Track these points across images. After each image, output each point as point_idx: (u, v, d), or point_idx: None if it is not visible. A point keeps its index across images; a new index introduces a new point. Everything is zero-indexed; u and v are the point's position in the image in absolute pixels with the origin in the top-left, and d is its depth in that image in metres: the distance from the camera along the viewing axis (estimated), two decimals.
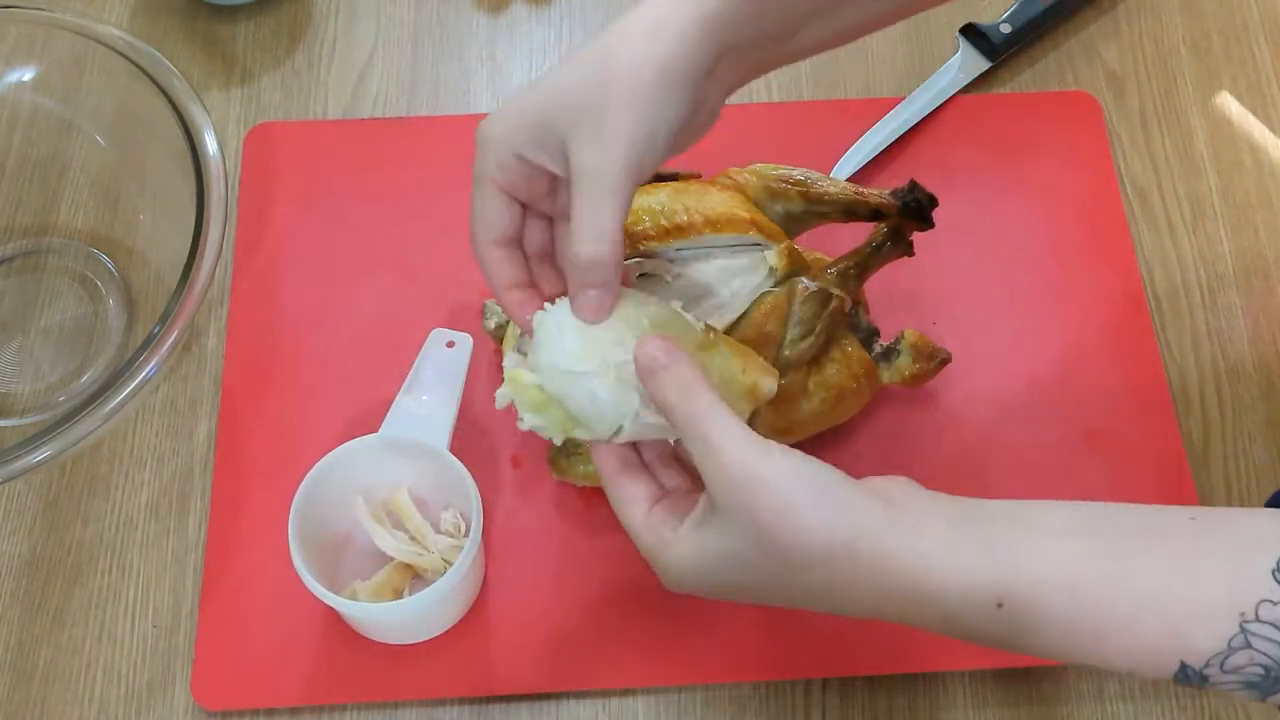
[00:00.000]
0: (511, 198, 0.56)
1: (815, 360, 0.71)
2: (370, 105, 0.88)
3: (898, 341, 0.75)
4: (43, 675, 0.71)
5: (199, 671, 0.70)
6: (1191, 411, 0.79)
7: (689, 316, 0.59)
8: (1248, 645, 0.48)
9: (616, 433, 0.55)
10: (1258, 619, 0.48)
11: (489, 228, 0.56)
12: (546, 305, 0.57)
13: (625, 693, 0.70)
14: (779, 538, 0.51)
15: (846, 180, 0.77)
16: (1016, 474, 0.76)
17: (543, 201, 0.57)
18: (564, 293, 0.56)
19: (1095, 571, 0.50)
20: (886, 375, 0.74)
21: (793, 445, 0.73)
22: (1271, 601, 0.48)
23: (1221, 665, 0.48)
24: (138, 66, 0.74)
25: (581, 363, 0.54)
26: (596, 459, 0.57)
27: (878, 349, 0.75)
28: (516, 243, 0.58)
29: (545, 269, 0.59)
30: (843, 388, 0.72)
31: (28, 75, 0.81)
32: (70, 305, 0.80)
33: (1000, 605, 0.50)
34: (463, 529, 0.69)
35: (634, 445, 0.57)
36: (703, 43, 0.53)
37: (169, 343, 0.67)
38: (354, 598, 0.67)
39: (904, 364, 0.74)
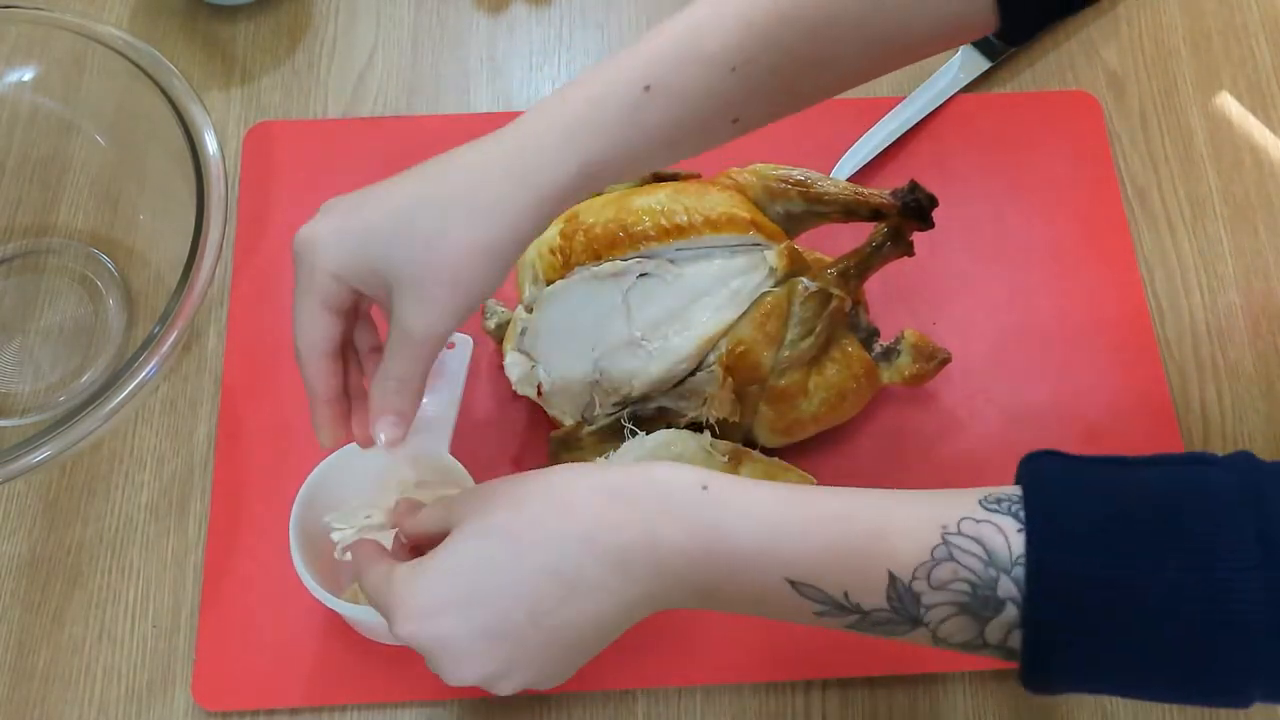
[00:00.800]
0: (335, 312, 0.58)
1: (815, 360, 0.71)
2: (370, 105, 0.88)
3: (898, 341, 0.75)
4: (43, 675, 0.71)
5: (199, 672, 0.70)
6: (1191, 411, 0.79)
7: (707, 444, 0.65)
8: (951, 558, 0.49)
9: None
10: (960, 532, 0.49)
11: (312, 343, 0.58)
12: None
13: (625, 693, 0.70)
14: (503, 496, 0.54)
15: (846, 180, 0.77)
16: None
17: (365, 303, 0.60)
18: None
19: (803, 491, 0.53)
20: (886, 375, 0.74)
21: (793, 445, 0.74)
22: (974, 519, 0.49)
23: (928, 577, 0.49)
24: (138, 66, 0.74)
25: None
26: (356, 561, 0.59)
27: (878, 349, 0.75)
28: (338, 353, 0.60)
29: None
30: (843, 388, 0.72)
31: (28, 75, 0.81)
32: (70, 305, 0.80)
33: (705, 487, 0.52)
34: None
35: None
36: (535, 224, 0.55)
37: (169, 343, 0.67)
38: (354, 600, 0.67)
39: (904, 364, 0.74)
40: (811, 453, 0.75)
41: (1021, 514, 0.49)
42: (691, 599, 0.53)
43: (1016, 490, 0.50)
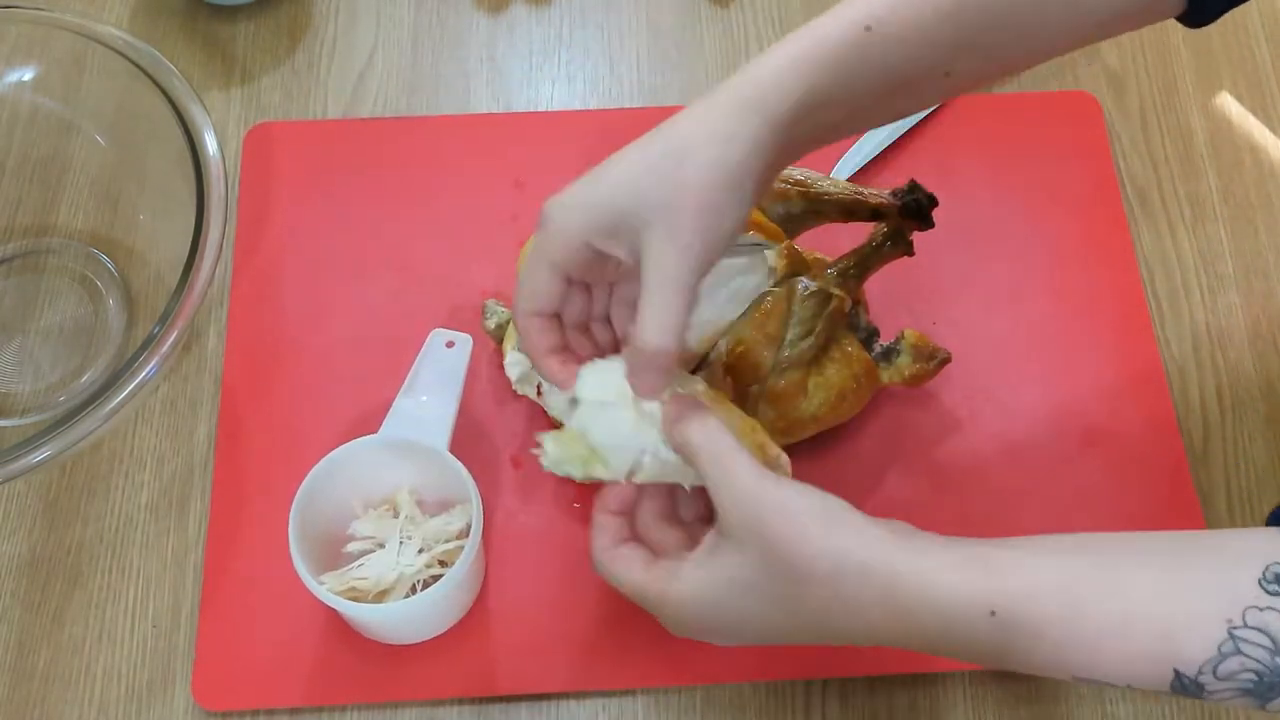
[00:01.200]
0: (565, 278, 0.58)
1: (815, 360, 0.71)
2: (370, 105, 0.88)
3: (898, 341, 0.75)
4: (43, 675, 0.71)
5: (199, 672, 0.70)
6: (1191, 411, 0.79)
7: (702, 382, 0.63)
8: (1238, 651, 0.49)
9: (635, 469, 0.58)
10: (1245, 625, 0.49)
11: (536, 301, 0.58)
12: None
13: (625, 693, 0.70)
14: (789, 556, 0.53)
15: (846, 180, 0.77)
16: (1016, 474, 0.76)
17: (592, 277, 0.59)
18: (596, 357, 0.60)
19: (1087, 581, 0.52)
20: (886, 375, 0.74)
21: (793, 445, 0.74)
22: (1258, 608, 0.49)
23: (1214, 672, 0.49)
24: (138, 66, 0.74)
25: (609, 395, 0.58)
26: (593, 534, 0.60)
27: (878, 349, 0.75)
28: (557, 317, 0.60)
29: (579, 337, 0.61)
30: (843, 388, 0.72)
31: (28, 75, 0.81)
32: (70, 305, 0.80)
33: (993, 614, 0.51)
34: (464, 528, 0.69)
35: (631, 514, 0.60)
36: (771, 148, 0.56)
37: (169, 343, 0.67)
38: (354, 598, 0.67)
39: (904, 364, 0.74)
40: (811, 453, 0.75)
41: None
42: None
43: None
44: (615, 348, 0.61)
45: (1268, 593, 0.49)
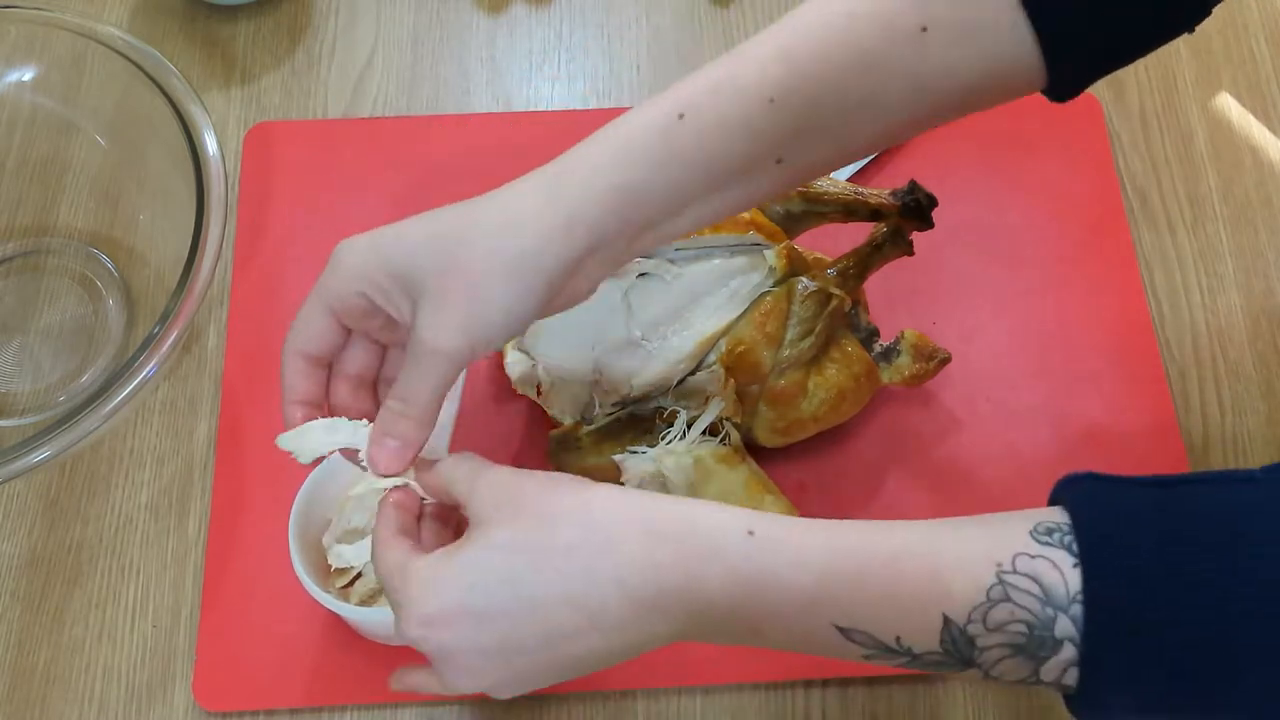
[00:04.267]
0: (340, 324, 0.57)
1: (815, 360, 0.71)
2: (370, 105, 0.88)
3: (898, 341, 0.75)
4: (43, 675, 0.71)
5: (199, 672, 0.70)
6: (1191, 411, 0.79)
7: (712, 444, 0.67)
8: (1007, 598, 0.47)
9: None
10: (1015, 570, 0.47)
11: (305, 341, 0.58)
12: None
13: (625, 693, 0.70)
14: (538, 506, 0.52)
15: (846, 180, 0.77)
16: (1016, 474, 0.76)
17: (376, 332, 0.59)
18: (370, 418, 0.59)
19: (854, 528, 0.51)
20: (886, 375, 0.74)
21: (793, 445, 0.74)
22: (1029, 555, 0.48)
23: (984, 620, 0.48)
24: (138, 66, 0.74)
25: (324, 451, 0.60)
26: (377, 521, 0.57)
27: (878, 349, 0.75)
28: (326, 363, 0.59)
29: (361, 393, 0.60)
30: (843, 388, 0.72)
31: (28, 75, 0.81)
32: (70, 305, 0.80)
33: (751, 533, 0.50)
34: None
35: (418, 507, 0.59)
36: (567, 245, 0.54)
37: (169, 343, 0.67)
38: (351, 600, 0.67)
39: (904, 364, 0.74)
40: (811, 453, 0.75)
41: (1075, 546, 0.47)
42: (727, 639, 0.52)
43: (1065, 519, 0.49)
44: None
45: (1039, 542, 0.48)
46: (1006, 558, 0.48)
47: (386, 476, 0.56)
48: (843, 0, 0.55)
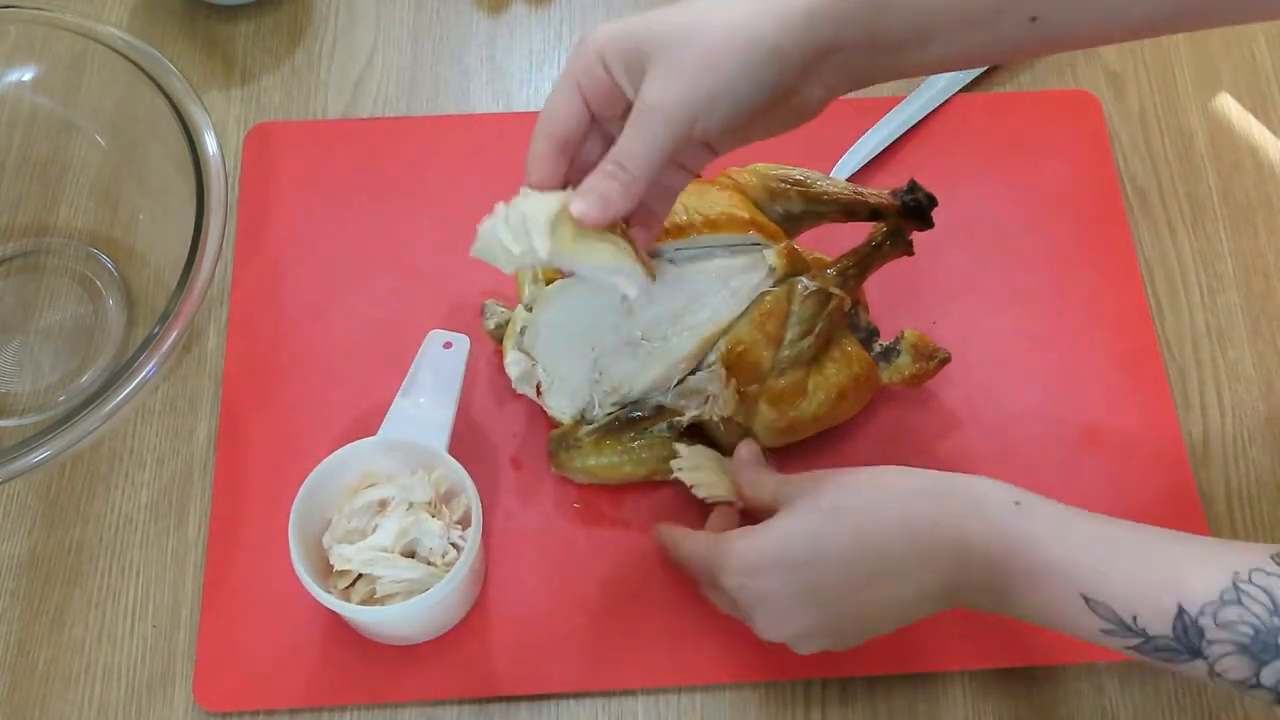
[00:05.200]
0: (585, 103, 0.57)
1: (815, 360, 0.71)
2: (370, 105, 0.88)
3: (898, 341, 0.75)
4: (43, 675, 0.71)
5: (199, 672, 0.70)
6: (1191, 411, 0.79)
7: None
8: (1239, 601, 0.51)
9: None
10: (1251, 581, 0.52)
11: (553, 120, 0.58)
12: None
13: (625, 693, 0.70)
14: (838, 483, 0.59)
15: (846, 180, 0.77)
16: (1016, 474, 0.75)
17: (612, 121, 0.59)
18: None
19: (1101, 517, 0.57)
20: (886, 375, 0.74)
21: (793, 445, 0.74)
22: (1265, 571, 0.52)
23: (1215, 617, 0.52)
24: (138, 66, 0.74)
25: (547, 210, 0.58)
26: (667, 530, 0.68)
27: (878, 349, 0.75)
28: (570, 148, 0.58)
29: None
30: (843, 388, 0.72)
31: (28, 75, 0.81)
32: (70, 305, 0.80)
33: (1018, 503, 0.57)
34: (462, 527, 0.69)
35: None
36: (805, 33, 0.53)
37: (169, 343, 0.67)
38: (349, 599, 0.67)
39: (904, 364, 0.74)
40: (811, 453, 0.75)
41: None
42: (985, 599, 0.58)
43: None
44: None
45: (1277, 564, 0.52)
46: (1245, 569, 0.52)
47: (586, 223, 0.56)
48: None
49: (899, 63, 0.57)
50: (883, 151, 0.85)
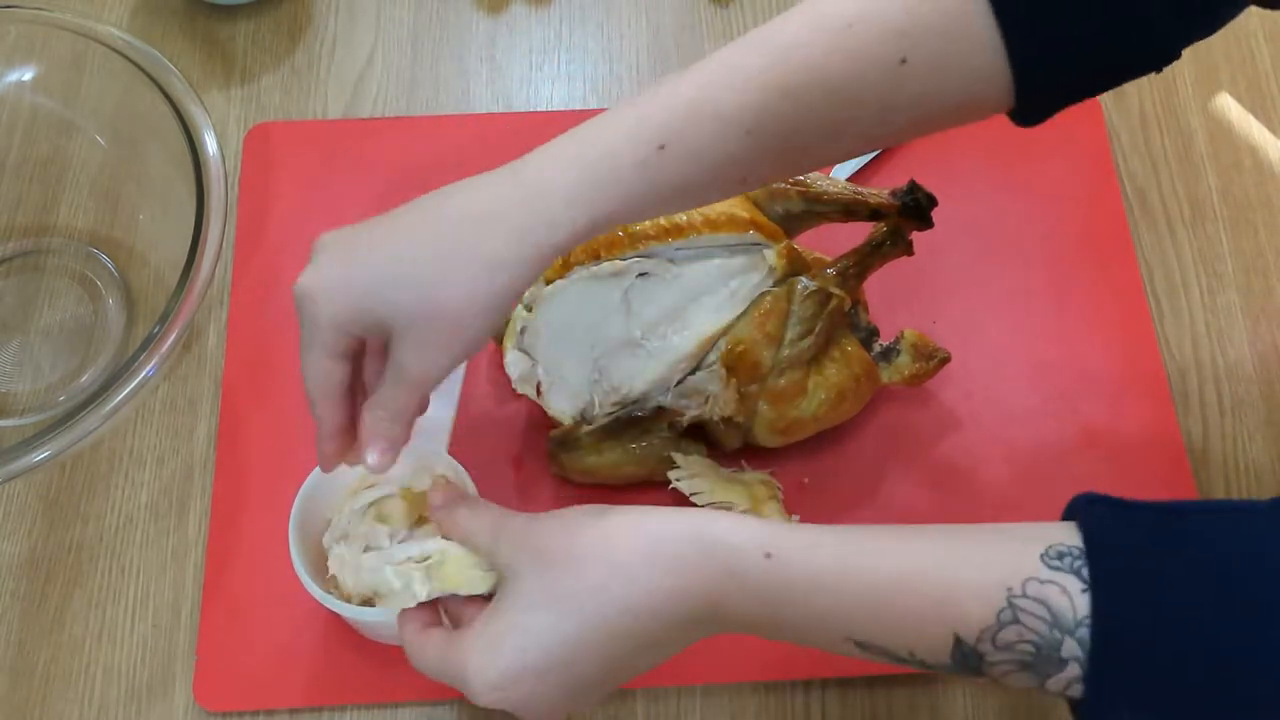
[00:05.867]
0: (342, 358, 0.58)
1: (815, 360, 0.71)
2: (370, 105, 0.88)
3: (897, 341, 0.75)
4: (43, 675, 0.71)
5: (199, 672, 0.70)
6: (1191, 411, 0.79)
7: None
8: (1016, 620, 0.49)
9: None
10: (1025, 595, 0.49)
11: (323, 390, 0.58)
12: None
13: (625, 693, 0.70)
14: (560, 550, 0.54)
15: (846, 180, 0.77)
16: (1016, 474, 0.76)
17: (379, 346, 0.60)
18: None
19: (869, 539, 0.53)
20: (886, 375, 0.74)
21: (792, 445, 0.74)
22: (1039, 580, 0.49)
23: (993, 640, 0.49)
24: (138, 66, 0.74)
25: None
26: (401, 628, 0.60)
27: (877, 349, 0.75)
28: (348, 392, 0.60)
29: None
30: (843, 388, 0.72)
31: (28, 75, 0.81)
32: (70, 305, 0.81)
33: (768, 555, 0.52)
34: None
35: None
36: (537, 272, 0.56)
37: (169, 343, 0.67)
38: (349, 599, 0.67)
39: (904, 364, 0.74)
40: (811, 453, 0.75)
41: (1085, 572, 0.49)
42: (756, 635, 0.56)
43: (1077, 543, 0.50)
44: None
45: (1049, 567, 0.49)
46: (1017, 582, 0.49)
47: (377, 472, 0.59)
48: (823, 30, 0.55)
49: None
50: (883, 152, 0.85)
